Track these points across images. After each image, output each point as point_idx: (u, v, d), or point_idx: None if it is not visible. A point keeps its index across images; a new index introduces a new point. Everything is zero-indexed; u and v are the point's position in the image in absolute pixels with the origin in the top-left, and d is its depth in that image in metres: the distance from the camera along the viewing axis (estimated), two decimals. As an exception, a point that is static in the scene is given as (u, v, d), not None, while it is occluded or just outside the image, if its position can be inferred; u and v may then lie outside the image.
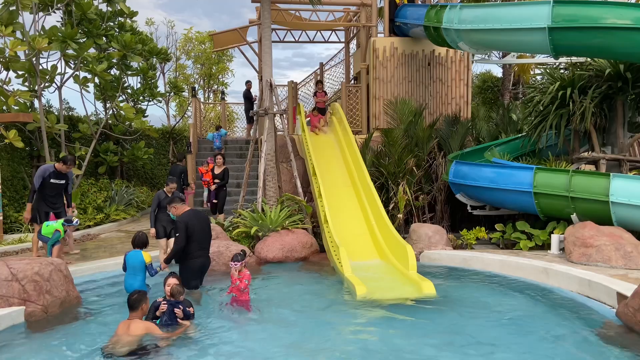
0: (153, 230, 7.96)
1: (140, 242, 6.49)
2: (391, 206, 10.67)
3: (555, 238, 8.50)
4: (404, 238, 8.72)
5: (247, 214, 9.68)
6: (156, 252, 7.91)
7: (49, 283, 5.91)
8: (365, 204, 9.84)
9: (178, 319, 5.18)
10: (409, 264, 7.56)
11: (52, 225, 7.56)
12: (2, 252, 9.02)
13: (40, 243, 7.88)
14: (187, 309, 5.30)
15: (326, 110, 13.03)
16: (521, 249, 8.94)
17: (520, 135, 11.57)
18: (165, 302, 5.20)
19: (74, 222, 7.82)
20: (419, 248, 9.00)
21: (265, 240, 8.97)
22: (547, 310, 6.01)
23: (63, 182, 8.36)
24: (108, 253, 8.95)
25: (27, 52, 11.31)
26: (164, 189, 8.27)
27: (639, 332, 4.99)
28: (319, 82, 13.15)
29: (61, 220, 7.68)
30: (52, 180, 8.17)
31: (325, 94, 13.23)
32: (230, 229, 9.81)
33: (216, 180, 11.15)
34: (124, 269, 6.40)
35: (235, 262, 6.16)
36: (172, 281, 5.47)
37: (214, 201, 11.26)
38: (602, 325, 5.41)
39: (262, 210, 9.88)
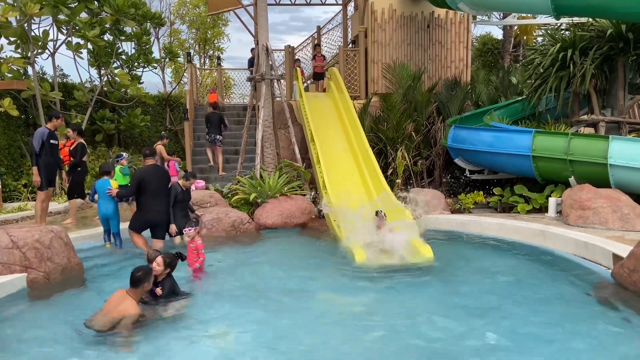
0: (174, 227, 7.19)
1: (106, 169, 7.49)
2: (390, 171, 10.67)
3: (552, 201, 8.54)
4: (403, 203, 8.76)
5: (246, 181, 9.69)
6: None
7: (49, 250, 5.96)
8: (363, 170, 9.83)
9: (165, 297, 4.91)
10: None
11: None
12: (2, 220, 9.05)
13: (39, 212, 7.89)
14: (172, 288, 4.98)
15: (324, 75, 12.79)
16: (519, 213, 9.00)
17: (519, 98, 11.48)
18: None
19: (124, 155, 9.27)
20: (418, 213, 9.03)
21: (264, 207, 9.01)
22: (544, 272, 6.09)
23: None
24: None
25: (18, 17, 11.07)
26: (180, 181, 7.56)
27: (634, 292, 5.07)
28: (317, 46, 12.75)
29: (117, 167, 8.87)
30: (51, 141, 8.15)
31: (324, 58, 12.82)
32: (229, 195, 9.83)
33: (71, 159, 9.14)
34: (92, 198, 7.39)
35: (190, 228, 6.18)
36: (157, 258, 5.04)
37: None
38: (597, 285, 5.50)
39: (261, 176, 9.89)
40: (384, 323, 4.69)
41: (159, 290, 4.90)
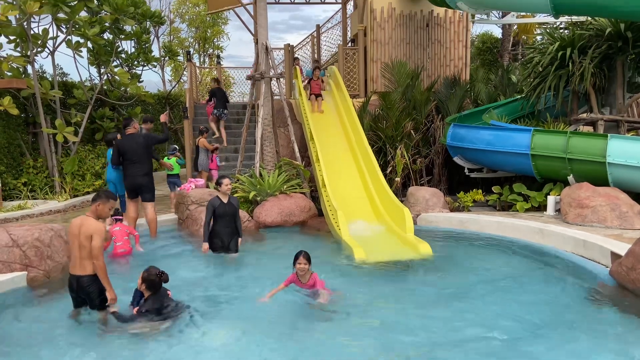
0: (206, 246, 6.68)
1: (110, 138, 8.62)
2: (389, 170, 10.69)
3: (551, 199, 8.57)
4: (402, 201, 8.78)
5: (245, 179, 9.70)
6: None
7: (49, 248, 5.98)
8: (363, 168, 9.85)
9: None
10: (406, 226, 7.64)
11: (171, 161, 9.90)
12: (2, 218, 9.07)
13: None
14: (150, 306, 4.57)
15: (321, 95, 11.95)
16: (517, 211, 9.02)
17: (518, 97, 11.49)
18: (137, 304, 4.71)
19: (177, 147, 10.51)
20: (417, 211, 9.07)
21: (264, 205, 9.02)
22: (543, 270, 6.12)
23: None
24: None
25: (18, 16, 11.06)
26: (218, 193, 6.96)
27: (632, 290, 5.10)
28: (317, 69, 11.82)
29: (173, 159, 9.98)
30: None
31: (322, 82, 12.00)
32: (229, 193, 9.83)
33: None
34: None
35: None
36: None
37: None
38: (596, 283, 5.53)
39: (260, 175, 9.90)
40: (384, 319, 4.72)
41: (134, 310, 4.60)
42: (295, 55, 15.25)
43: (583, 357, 3.93)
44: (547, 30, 10.70)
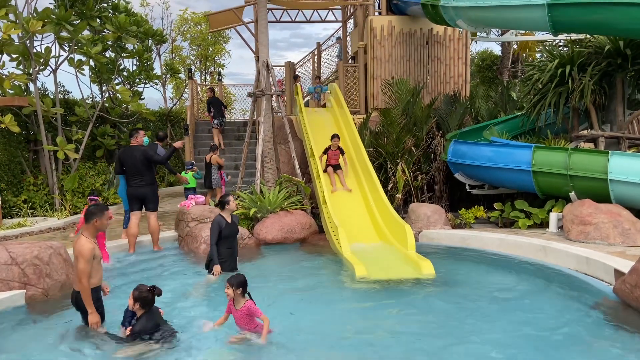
0: (218, 268, 6.34)
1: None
2: (390, 186, 10.67)
3: (553, 216, 8.52)
4: (403, 218, 8.74)
5: (246, 196, 9.68)
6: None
7: (48, 267, 5.93)
8: (364, 184, 9.83)
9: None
10: (407, 243, 7.59)
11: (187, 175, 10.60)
12: (1, 236, 9.03)
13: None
14: (143, 327, 4.43)
15: (339, 167, 10.14)
16: (520, 228, 8.97)
17: (519, 113, 11.52)
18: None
19: (194, 162, 11.25)
20: (418, 228, 9.02)
21: (264, 222, 8.98)
22: (545, 287, 6.05)
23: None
24: (107, 236, 8.95)
25: (20, 34, 11.17)
26: (222, 212, 6.61)
27: (636, 308, 5.03)
28: (336, 136, 10.11)
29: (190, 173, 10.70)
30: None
31: (341, 152, 10.04)
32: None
33: None
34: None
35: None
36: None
37: None
38: (599, 301, 5.46)
39: (261, 191, 9.88)
40: (386, 337, 4.65)
41: (127, 331, 4.46)
42: (296, 73, 15.37)
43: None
44: (547, 48, 10.78)
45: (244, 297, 4.57)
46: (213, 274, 6.34)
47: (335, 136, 10.07)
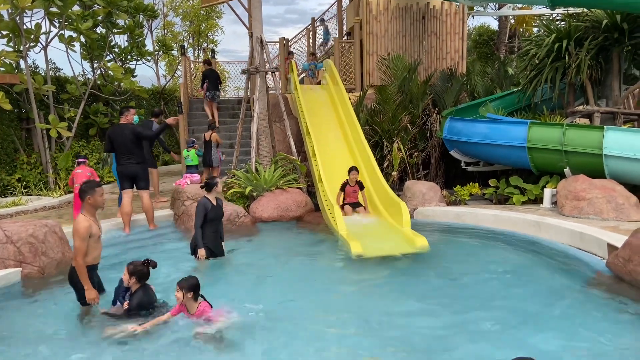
0: (203, 252, 6.16)
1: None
2: (386, 164, 10.66)
3: (547, 192, 8.56)
4: (399, 195, 8.76)
5: (241, 174, 9.65)
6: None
7: (44, 245, 5.93)
8: (359, 162, 9.82)
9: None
10: (403, 220, 7.62)
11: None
12: (-4, 215, 9.00)
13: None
14: (140, 301, 4.47)
15: (359, 204, 8.78)
16: (514, 204, 9.02)
17: (515, 89, 11.47)
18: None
19: (195, 140, 11.15)
20: (413, 205, 9.05)
21: (260, 200, 8.98)
22: (539, 262, 6.11)
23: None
24: (102, 215, 8.94)
25: (10, 10, 10.94)
26: (208, 194, 6.40)
27: (629, 282, 5.10)
28: (354, 169, 8.65)
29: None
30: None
31: (360, 187, 8.63)
32: (225, 189, 9.79)
33: None
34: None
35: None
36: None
37: None
38: (592, 275, 5.53)
39: (256, 170, 9.85)
40: (382, 314, 4.70)
41: (125, 304, 4.49)
42: (290, 49, 15.17)
43: (579, 344, 3.94)
44: (544, 22, 10.66)
45: (196, 301, 4.31)
46: (198, 258, 6.12)
47: (353, 169, 8.57)
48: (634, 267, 5.08)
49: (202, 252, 6.11)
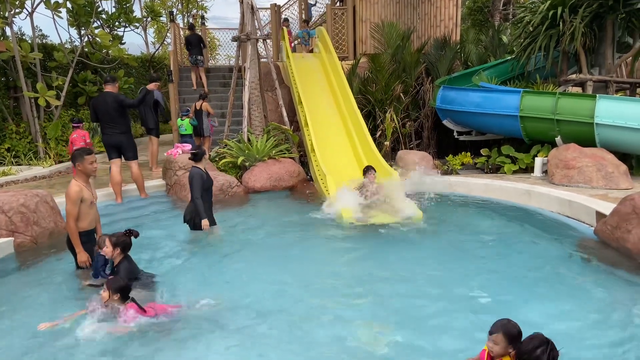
0: (207, 222, 6.01)
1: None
2: (378, 134, 10.64)
3: (538, 161, 8.61)
4: (391, 165, 8.78)
5: (233, 144, 9.60)
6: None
7: (36, 214, 5.92)
8: (352, 132, 9.78)
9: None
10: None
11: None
12: (-14, 186, 8.93)
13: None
14: (127, 273, 4.36)
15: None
16: (505, 173, 9.08)
17: (509, 58, 11.38)
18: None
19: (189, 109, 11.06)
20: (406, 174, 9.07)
21: (252, 170, 8.97)
22: (529, 230, 6.20)
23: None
24: (95, 185, 8.90)
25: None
26: (197, 164, 6.16)
27: (616, 248, 5.20)
28: (371, 168, 7.46)
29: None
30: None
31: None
32: (217, 159, 9.76)
33: None
34: None
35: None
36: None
37: None
38: (580, 242, 5.62)
39: (248, 140, 9.80)
40: (376, 282, 4.77)
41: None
42: (284, 17, 14.87)
43: (566, 308, 4.05)
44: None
45: (123, 302, 3.95)
46: (203, 229, 5.96)
47: (369, 169, 7.40)
48: (621, 234, 5.18)
49: (206, 222, 5.98)
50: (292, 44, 13.97)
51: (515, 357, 2.55)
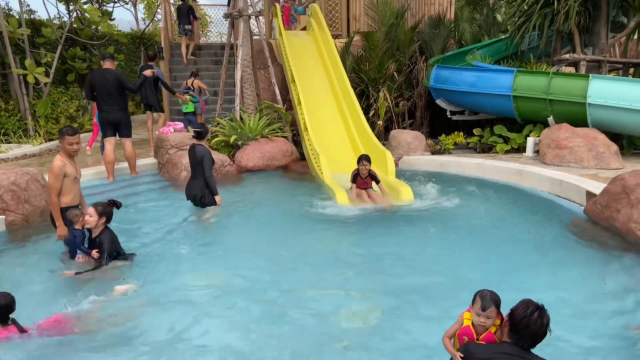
0: (219, 198, 6.21)
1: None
2: (371, 113, 10.60)
3: (530, 141, 8.65)
4: (384, 144, 8.78)
5: (226, 123, 9.54)
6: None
7: (26, 192, 5.88)
8: (345, 111, 9.74)
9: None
10: (388, 169, 7.68)
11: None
12: (-25, 164, 8.83)
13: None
14: (112, 242, 4.48)
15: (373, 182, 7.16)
16: (497, 153, 9.11)
17: (503, 37, 11.32)
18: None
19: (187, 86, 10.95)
20: (398, 154, 9.09)
21: (245, 149, 8.94)
22: (520, 210, 6.26)
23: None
24: (84, 163, 8.84)
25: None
26: (202, 141, 6.24)
27: (605, 227, 5.27)
28: (364, 157, 6.96)
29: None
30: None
31: (375, 180, 6.84)
32: (209, 137, 9.68)
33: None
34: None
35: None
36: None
37: None
38: (571, 221, 5.69)
39: (241, 118, 9.74)
40: (369, 261, 4.82)
41: (94, 253, 4.43)
42: None
43: (556, 284, 4.12)
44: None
45: (4, 326, 3.45)
46: (218, 204, 6.16)
47: (363, 159, 6.88)
48: (610, 213, 5.24)
49: (219, 198, 6.17)
50: (290, 22, 13.70)
51: (509, 323, 2.53)
